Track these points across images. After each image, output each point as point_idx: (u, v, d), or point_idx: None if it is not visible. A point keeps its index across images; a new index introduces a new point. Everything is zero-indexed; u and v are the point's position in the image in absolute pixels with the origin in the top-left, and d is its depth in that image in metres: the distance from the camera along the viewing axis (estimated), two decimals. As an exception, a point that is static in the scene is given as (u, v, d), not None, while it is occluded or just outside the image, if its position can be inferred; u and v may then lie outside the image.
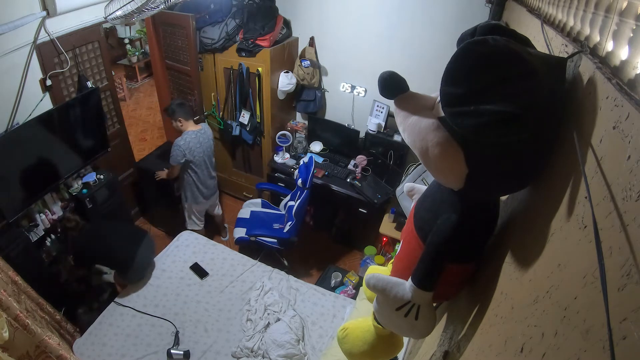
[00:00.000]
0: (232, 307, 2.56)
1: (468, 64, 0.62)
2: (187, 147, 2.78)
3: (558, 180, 0.65)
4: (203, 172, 2.99)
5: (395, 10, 2.81)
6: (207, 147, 2.96)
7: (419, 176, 2.18)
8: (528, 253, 0.68)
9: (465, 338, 0.90)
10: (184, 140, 2.78)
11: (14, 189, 2.20)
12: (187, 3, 2.99)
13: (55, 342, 1.77)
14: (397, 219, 3.03)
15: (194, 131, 2.84)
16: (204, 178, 3.02)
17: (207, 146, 2.96)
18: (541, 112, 0.61)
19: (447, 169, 0.76)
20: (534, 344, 0.54)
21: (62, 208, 2.63)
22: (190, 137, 2.81)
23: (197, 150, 2.85)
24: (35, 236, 2.43)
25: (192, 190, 3.04)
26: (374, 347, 1.21)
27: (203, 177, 3.01)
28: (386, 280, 0.92)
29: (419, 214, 0.98)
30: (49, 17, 2.26)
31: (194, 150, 2.83)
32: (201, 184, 3.03)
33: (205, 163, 2.97)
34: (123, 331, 2.35)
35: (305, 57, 3.21)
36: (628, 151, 0.43)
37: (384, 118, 3.11)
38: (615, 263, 0.40)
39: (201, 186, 3.04)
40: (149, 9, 1.87)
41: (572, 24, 0.88)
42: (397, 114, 0.85)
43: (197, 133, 2.86)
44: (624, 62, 0.55)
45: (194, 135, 2.83)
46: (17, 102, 2.22)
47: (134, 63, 6.34)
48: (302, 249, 3.35)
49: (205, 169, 3.00)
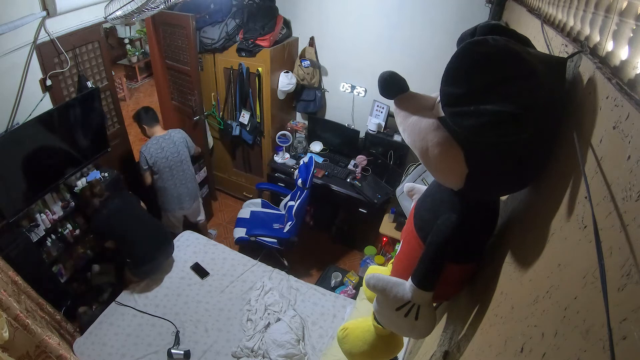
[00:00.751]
0: (232, 307, 2.57)
1: (468, 64, 0.61)
2: (148, 154, 2.75)
3: (558, 180, 0.65)
4: (169, 180, 2.90)
5: (395, 10, 2.81)
6: (171, 153, 2.84)
7: (419, 176, 2.18)
8: (528, 253, 0.68)
9: (465, 338, 0.90)
10: (145, 146, 2.77)
11: (14, 189, 2.20)
12: (187, 3, 2.99)
13: (55, 342, 1.77)
14: (397, 219, 3.03)
15: (157, 137, 2.81)
16: (170, 186, 2.92)
17: (170, 152, 2.83)
18: (541, 112, 0.61)
19: (447, 169, 0.76)
20: (534, 344, 0.54)
21: (62, 208, 2.63)
22: (151, 143, 2.78)
23: (158, 156, 2.78)
24: (35, 236, 2.42)
25: (161, 198, 2.99)
26: (374, 347, 1.21)
27: (169, 185, 2.92)
28: (386, 280, 0.92)
29: (419, 214, 0.98)
30: (49, 17, 2.26)
31: (154, 157, 2.77)
32: (169, 193, 2.94)
33: (170, 170, 2.87)
34: (123, 331, 2.35)
35: (305, 57, 3.21)
36: (628, 151, 0.43)
37: (384, 118, 3.11)
38: (615, 263, 0.40)
39: (169, 195, 2.95)
40: (149, 9, 1.87)
41: (572, 24, 0.88)
42: (397, 114, 0.85)
43: (160, 139, 2.81)
44: (624, 62, 0.55)
45: (156, 142, 2.79)
46: (17, 102, 2.22)
47: (134, 63, 6.34)
48: (302, 249, 3.35)
49: (171, 176, 2.89)
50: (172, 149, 2.85)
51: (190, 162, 3.03)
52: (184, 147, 2.93)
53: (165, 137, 2.83)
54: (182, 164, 2.93)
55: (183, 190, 3.01)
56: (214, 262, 2.86)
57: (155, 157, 2.77)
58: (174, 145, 2.86)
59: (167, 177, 2.88)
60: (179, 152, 2.90)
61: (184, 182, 2.99)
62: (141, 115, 2.82)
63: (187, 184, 3.02)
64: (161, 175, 2.86)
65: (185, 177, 2.99)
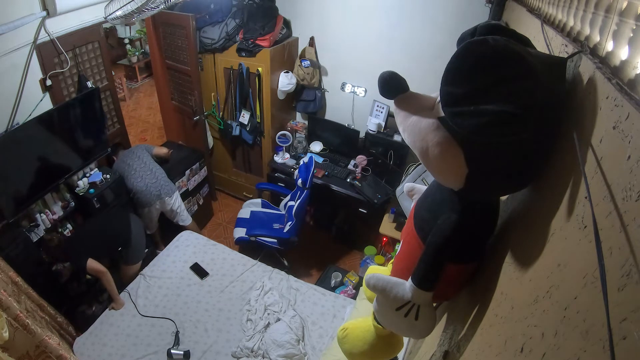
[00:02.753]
0: (232, 307, 2.57)
1: (468, 64, 0.61)
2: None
3: (558, 180, 0.65)
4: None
5: (395, 10, 2.81)
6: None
7: (419, 176, 2.18)
8: (528, 253, 0.68)
9: (465, 338, 0.90)
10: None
11: (14, 189, 2.20)
12: (187, 3, 2.99)
13: (55, 342, 1.78)
14: (397, 219, 3.03)
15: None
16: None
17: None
18: (541, 112, 0.61)
19: (447, 169, 0.76)
20: (534, 344, 0.54)
21: (62, 208, 2.63)
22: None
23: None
24: (35, 236, 2.42)
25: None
26: (374, 347, 1.21)
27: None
28: (386, 280, 0.92)
29: (419, 214, 0.98)
30: (49, 17, 2.26)
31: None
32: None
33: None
34: (123, 331, 2.35)
35: (305, 57, 3.21)
36: (628, 151, 0.43)
37: (384, 118, 3.11)
38: (615, 263, 0.40)
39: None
40: (149, 9, 1.87)
41: (572, 24, 0.88)
42: (397, 114, 0.85)
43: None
44: (624, 62, 0.55)
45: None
46: (17, 102, 2.22)
47: (134, 63, 6.34)
48: (302, 249, 3.35)
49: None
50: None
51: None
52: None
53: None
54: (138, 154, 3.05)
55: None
56: (214, 262, 2.86)
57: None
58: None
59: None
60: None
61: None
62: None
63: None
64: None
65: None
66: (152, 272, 2.74)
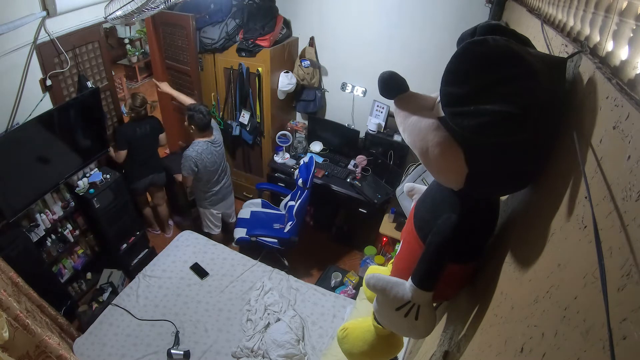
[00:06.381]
0: (232, 307, 2.56)
1: (468, 64, 0.61)
2: (199, 159, 2.71)
3: (558, 180, 0.65)
4: (210, 180, 2.91)
5: (395, 10, 2.81)
6: (218, 155, 2.87)
7: (419, 176, 2.18)
8: (528, 253, 0.68)
9: (465, 338, 0.90)
10: (195, 151, 2.70)
11: (14, 189, 2.20)
12: (187, 3, 2.99)
13: (55, 342, 1.77)
14: (397, 219, 3.03)
15: (205, 141, 2.76)
16: (207, 185, 2.94)
17: (218, 154, 2.87)
18: (541, 112, 0.61)
19: (447, 169, 0.76)
20: (534, 344, 0.54)
21: (62, 208, 2.63)
22: (201, 148, 2.73)
23: (207, 160, 2.77)
24: (35, 236, 2.43)
25: (200, 196, 3.02)
26: (374, 347, 1.20)
27: (207, 185, 2.93)
28: (386, 280, 0.92)
29: (419, 214, 0.98)
30: (49, 17, 2.26)
31: (205, 160, 2.75)
32: (207, 191, 2.97)
33: (214, 172, 2.88)
34: (123, 331, 2.35)
35: (305, 57, 3.21)
36: (628, 151, 0.43)
37: (384, 118, 3.11)
38: (615, 263, 0.40)
39: (208, 193, 2.98)
40: (149, 9, 1.87)
41: (572, 24, 0.88)
42: (397, 114, 0.85)
43: (208, 143, 2.78)
44: (624, 62, 0.55)
45: (206, 147, 2.75)
46: (17, 102, 2.22)
47: (134, 63, 6.33)
48: (302, 249, 3.35)
49: (211, 177, 2.90)
50: (220, 150, 2.91)
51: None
52: (223, 146, 3.02)
53: (213, 140, 2.83)
54: (222, 164, 3.00)
55: (219, 188, 3.08)
56: (214, 262, 2.86)
57: (205, 160, 2.75)
58: (220, 147, 2.92)
59: (208, 177, 2.89)
60: (223, 153, 2.98)
61: (223, 181, 3.08)
62: (194, 116, 2.69)
63: (225, 182, 3.14)
64: (204, 176, 2.86)
65: (225, 175, 3.10)
66: (152, 272, 2.73)
